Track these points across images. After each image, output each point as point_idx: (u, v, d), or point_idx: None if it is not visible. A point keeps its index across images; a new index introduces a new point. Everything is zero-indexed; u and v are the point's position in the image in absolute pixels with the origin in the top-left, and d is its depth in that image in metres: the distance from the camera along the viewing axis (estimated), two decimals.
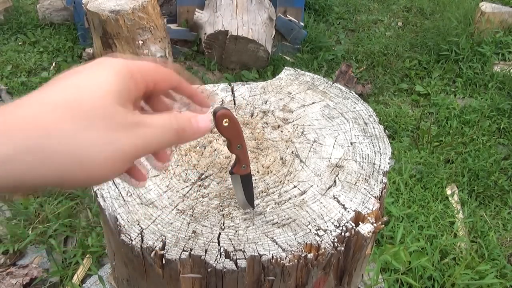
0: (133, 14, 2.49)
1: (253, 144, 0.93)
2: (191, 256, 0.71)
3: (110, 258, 1.00)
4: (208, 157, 0.90)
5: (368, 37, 3.87)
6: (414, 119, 2.91)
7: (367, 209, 0.79)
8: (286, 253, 0.71)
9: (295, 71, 1.17)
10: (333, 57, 3.53)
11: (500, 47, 3.41)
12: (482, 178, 2.41)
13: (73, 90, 0.40)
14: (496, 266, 1.91)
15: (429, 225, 2.03)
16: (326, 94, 1.08)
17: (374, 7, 4.43)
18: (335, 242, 0.73)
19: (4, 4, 3.81)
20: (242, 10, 3.24)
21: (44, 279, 1.79)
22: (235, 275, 0.71)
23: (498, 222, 2.19)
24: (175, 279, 0.74)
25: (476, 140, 2.71)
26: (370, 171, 0.87)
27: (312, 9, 4.09)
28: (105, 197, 0.80)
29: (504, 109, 2.94)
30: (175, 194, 0.82)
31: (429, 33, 3.78)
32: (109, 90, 0.41)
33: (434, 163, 2.47)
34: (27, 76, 3.27)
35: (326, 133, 0.96)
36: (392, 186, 2.21)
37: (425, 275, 1.78)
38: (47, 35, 3.68)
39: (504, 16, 3.46)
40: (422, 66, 3.49)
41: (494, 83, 3.18)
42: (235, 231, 0.75)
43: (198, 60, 3.45)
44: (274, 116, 1.01)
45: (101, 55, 2.71)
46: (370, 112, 1.02)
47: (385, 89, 3.27)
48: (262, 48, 3.18)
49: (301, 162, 0.89)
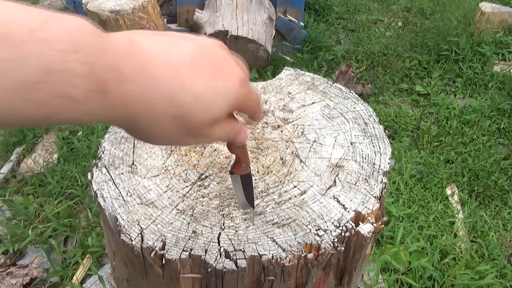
0: (133, 14, 2.49)
1: (253, 144, 0.93)
2: (191, 256, 0.71)
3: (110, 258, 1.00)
4: (208, 157, 0.90)
5: (368, 37, 3.87)
6: (414, 119, 2.91)
7: (367, 209, 0.79)
8: (286, 253, 0.71)
9: (295, 71, 1.17)
10: (333, 57, 3.53)
11: (500, 47, 3.41)
12: (482, 178, 2.41)
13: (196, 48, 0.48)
14: (496, 266, 1.91)
15: (429, 225, 2.03)
16: (326, 94, 1.08)
17: (374, 7, 4.44)
18: (335, 242, 0.73)
19: None
20: (242, 10, 3.24)
21: (44, 279, 1.80)
22: (235, 275, 0.71)
23: (498, 222, 2.19)
24: (175, 279, 0.74)
25: (476, 140, 2.71)
26: (370, 171, 0.87)
27: (312, 9, 4.09)
28: (105, 197, 0.80)
29: (504, 109, 2.94)
30: (175, 194, 0.82)
31: (429, 33, 3.78)
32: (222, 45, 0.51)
33: (434, 163, 2.47)
34: None
35: (326, 133, 0.96)
36: (392, 186, 2.21)
37: (425, 275, 1.78)
38: None
39: (504, 16, 3.46)
40: (422, 66, 3.49)
41: (494, 83, 3.18)
42: (235, 231, 0.75)
43: None
44: (274, 116, 1.01)
45: None
46: (370, 112, 1.02)
47: (385, 89, 3.28)
48: (262, 48, 3.18)
49: (301, 162, 0.89)
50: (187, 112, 0.46)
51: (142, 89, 0.42)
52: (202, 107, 0.47)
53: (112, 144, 0.92)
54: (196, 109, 0.46)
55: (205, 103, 0.47)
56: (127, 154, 0.90)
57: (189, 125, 0.47)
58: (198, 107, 0.46)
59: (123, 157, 0.90)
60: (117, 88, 0.41)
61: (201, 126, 0.48)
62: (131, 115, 0.43)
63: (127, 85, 0.41)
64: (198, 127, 0.48)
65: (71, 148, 2.55)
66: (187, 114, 0.46)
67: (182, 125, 0.47)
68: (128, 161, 0.89)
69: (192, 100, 0.46)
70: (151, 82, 0.43)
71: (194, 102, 0.46)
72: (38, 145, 2.56)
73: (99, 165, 0.87)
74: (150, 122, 0.45)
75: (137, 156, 0.90)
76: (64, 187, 2.23)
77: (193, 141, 0.50)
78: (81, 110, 0.39)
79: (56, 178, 2.28)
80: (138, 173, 0.86)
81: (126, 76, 0.41)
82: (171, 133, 0.47)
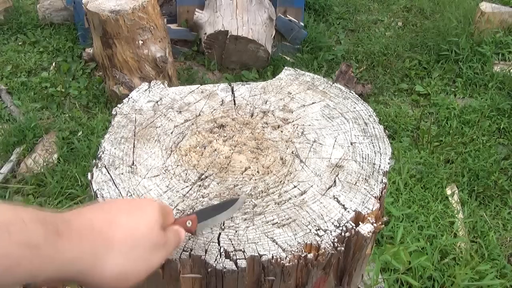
0: (133, 14, 2.49)
1: (253, 144, 0.93)
2: (191, 256, 0.71)
3: None
4: (208, 157, 0.90)
5: (368, 37, 3.87)
6: (414, 119, 2.91)
7: (367, 209, 0.79)
8: (286, 253, 0.71)
9: (295, 71, 1.17)
10: (333, 57, 3.53)
11: (500, 47, 3.41)
12: (482, 178, 2.41)
13: (131, 219, 0.58)
14: (496, 266, 1.91)
15: (429, 225, 2.03)
16: (326, 94, 1.08)
17: (374, 7, 4.43)
18: (335, 242, 0.73)
19: (4, 4, 3.81)
20: (242, 10, 3.24)
21: None
22: (235, 275, 0.71)
23: (498, 222, 2.19)
24: (175, 279, 0.74)
25: (476, 140, 2.71)
26: (370, 171, 0.87)
27: (312, 9, 4.09)
28: (105, 197, 0.80)
29: (504, 109, 2.94)
30: (175, 194, 0.82)
31: (429, 33, 3.77)
32: (154, 220, 0.60)
33: (434, 163, 2.47)
34: (27, 76, 3.27)
35: (326, 133, 0.97)
36: (392, 186, 2.21)
37: (425, 275, 1.78)
38: (47, 35, 3.68)
39: (504, 16, 3.46)
40: (422, 66, 3.49)
41: (494, 83, 3.18)
42: (235, 231, 0.75)
43: (198, 60, 3.45)
44: (274, 116, 1.01)
45: (101, 55, 2.71)
46: (370, 112, 1.02)
47: (385, 89, 3.28)
48: (262, 48, 3.18)
49: (301, 162, 0.89)
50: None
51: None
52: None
53: (112, 144, 0.92)
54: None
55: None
56: (127, 154, 0.90)
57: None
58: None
59: (123, 157, 0.90)
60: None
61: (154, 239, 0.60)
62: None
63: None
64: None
65: (71, 148, 2.55)
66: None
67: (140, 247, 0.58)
68: (128, 161, 0.89)
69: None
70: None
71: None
72: (38, 145, 2.57)
73: (99, 165, 0.87)
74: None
75: (137, 156, 0.90)
76: (64, 187, 2.23)
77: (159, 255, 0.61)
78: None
79: (56, 178, 2.28)
80: (138, 173, 0.86)
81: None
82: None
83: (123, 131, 0.96)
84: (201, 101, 1.06)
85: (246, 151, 0.91)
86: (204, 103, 1.05)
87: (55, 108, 2.95)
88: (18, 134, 2.61)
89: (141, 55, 2.67)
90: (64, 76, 3.20)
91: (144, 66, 2.72)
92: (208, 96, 1.07)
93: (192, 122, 0.99)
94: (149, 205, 0.62)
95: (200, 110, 1.03)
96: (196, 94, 1.08)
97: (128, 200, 0.65)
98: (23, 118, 2.74)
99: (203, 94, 1.08)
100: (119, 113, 1.01)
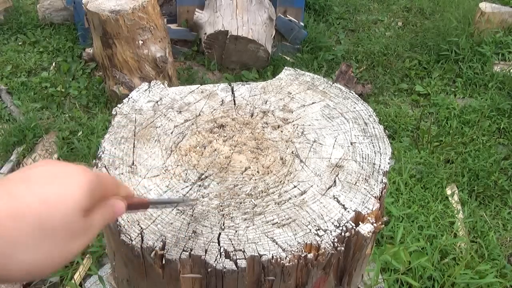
0: (133, 14, 2.49)
1: (253, 144, 0.93)
2: (191, 256, 0.71)
3: (110, 258, 1.00)
4: (208, 157, 0.90)
5: (368, 37, 3.87)
6: (414, 119, 2.91)
7: (367, 209, 0.79)
8: (286, 253, 0.71)
9: (295, 71, 1.17)
10: (333, 57, 3.53)
11: (500, 47, 3.41)
12: (482, 178, 2.41)
13: (43, 206, 0.48)
14: (496, 266, 1.91)
15: (429, 225, 2.03)
16: (326, 94, 1.08)
17: (374, 7, 4.43)
18: (335, 242, 0.73)
19: (4, 4, 3.81)
20: (242, 10, 3.24)
21: (44, 279, 1.80)
22: (235, 275, 0.71)
23: (498, 222, 2.19)
24: (175, 279, 0.74)
25: (476, 140, 2.71)
26: (370, 171, 0.87)
27: (312, 9, 4.09)
28: None
29: (504, 109, 2.94)
30: (175, 194, 0.82)
31: (429, 33, 3.77)
32: (73, 206, 0.50)
33: (434, 163, 2.47)
34: (27, 76, 3.27)
35: (326, 133, 0.96)
36: (392, 186, 2.21)
37: (425, 275, 1.78)
38: (47, 35, 3.68)
39: (504, 16, 3.46)
40: (422, 66, 3.49)
41: (494, 83, 3.18)
42: (235, 231, 0.75)
43: (198, 60, 3.45)
44: (274, 116, 1.01)
45: (101, 55, 2.71)
46: (370, 112, 1.02)
47: (385, 89, 3.28)
48: (262, 48, 3.18)
49: (301, 162, 0.89)
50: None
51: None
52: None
53: (112, 144, 0.92)
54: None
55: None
56: (127, 154, 0.90)
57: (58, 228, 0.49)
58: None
59: (123, 157, 0.90)
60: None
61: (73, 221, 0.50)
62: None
63: None
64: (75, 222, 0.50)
65: (71, 148, 2.55)
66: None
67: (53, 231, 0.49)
68: (128, 161, 0.89)
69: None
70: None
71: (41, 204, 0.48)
72: (38, 145, 2.57)
73: (99, 165, 0.87)
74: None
75: (137, 156, 0.90)
76: None
77: (78, 243, 0.52)
78: None
79: None
80: (138, 173, 0.86)
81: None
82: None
83: (123, 131, 0.96)
84: (201, 101, 1.06)
85: (246, 151, 0.91)
86: (204, 103, 1.05)
87: (55, 108, 2.95)
88: (18, 134, 2.61)
89: (141, 55, 2.67)
90: (64, 76, 3.20)
91: (144, 66, 2.72)
92: (208, 96, 1.07)
93: (192, 122, 0.99)
94: (73, 184, 0.51)
95: (200, 110, 1.03)
96: (196, 94, 1.08)
97: (49, 173, 0.52)
98: (23, 118, 2.74)
99: (203, 94, 1.08)
100: (119, 113, 1.01)
